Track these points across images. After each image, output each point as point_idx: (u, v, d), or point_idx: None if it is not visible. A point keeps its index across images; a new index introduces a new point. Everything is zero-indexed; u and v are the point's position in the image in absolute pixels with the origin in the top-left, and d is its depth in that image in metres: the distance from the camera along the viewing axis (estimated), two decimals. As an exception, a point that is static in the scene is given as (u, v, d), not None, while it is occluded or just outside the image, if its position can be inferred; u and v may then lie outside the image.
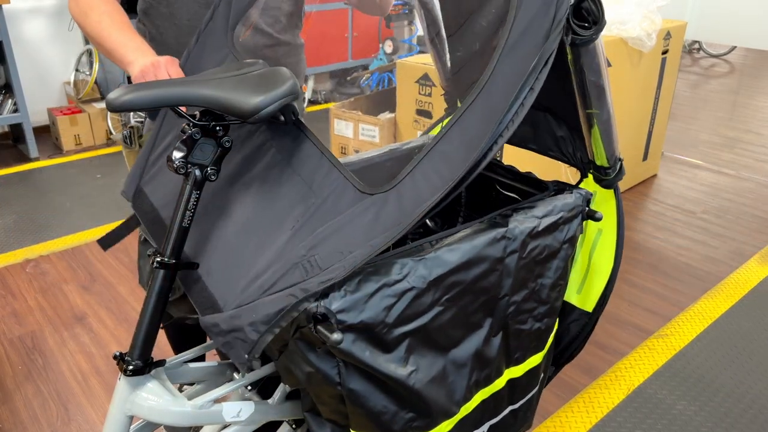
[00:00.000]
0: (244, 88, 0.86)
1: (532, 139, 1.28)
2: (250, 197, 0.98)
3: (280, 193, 0.95)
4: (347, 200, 0.88)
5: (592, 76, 0.97)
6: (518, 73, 0.83)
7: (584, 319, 1.29)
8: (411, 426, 0.94)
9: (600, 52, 0.95)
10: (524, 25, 0.85)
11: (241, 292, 0.91)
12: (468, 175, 0.81)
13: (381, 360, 0.87)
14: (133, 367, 0.91)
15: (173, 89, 0.82)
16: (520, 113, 0.82)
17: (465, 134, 0.84)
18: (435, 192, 0.82)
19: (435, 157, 0.84)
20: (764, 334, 2.18)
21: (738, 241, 2.86)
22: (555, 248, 1.10)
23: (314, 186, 0.92)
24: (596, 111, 1.03)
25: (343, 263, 0.82)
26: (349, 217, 0.86)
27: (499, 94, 0.83)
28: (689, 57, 6.68)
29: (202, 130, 0.87)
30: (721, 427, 1.76)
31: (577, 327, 1.30)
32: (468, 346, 1.00)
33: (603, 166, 1.18)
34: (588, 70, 0.96)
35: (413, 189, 0.84)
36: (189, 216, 0.89)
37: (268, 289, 0.87)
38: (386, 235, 0.82)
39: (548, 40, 0.83)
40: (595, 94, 1.01)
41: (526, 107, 0.83)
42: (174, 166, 0.86)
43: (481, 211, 1.07)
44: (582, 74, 0.97)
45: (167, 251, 0.89)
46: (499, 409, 1.15)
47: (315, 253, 0.85)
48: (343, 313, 0.82)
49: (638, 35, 2.79)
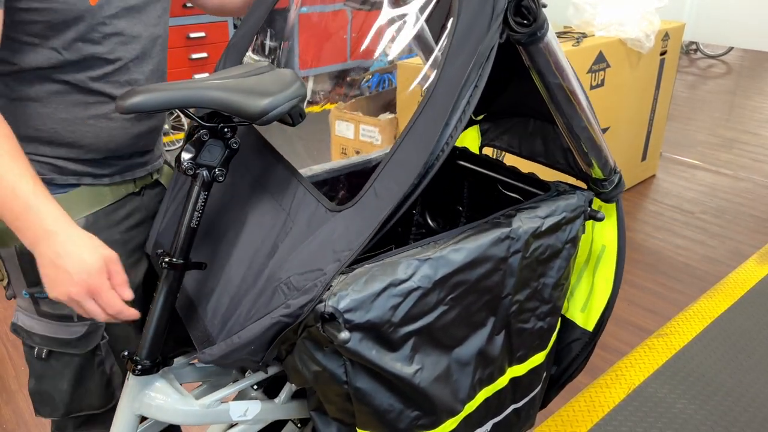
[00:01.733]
0: (252, 90, 0.87)
1: (542, 153, 1.29)
2: (231, 225, 1.01)
3: (260, 220, 0.98)
4: (318, 220, 0.91)
5: (551, 78, 0.97)
6: (462, 74, 0.85)
7: (585, 338, 1.30)
8: (416, 424, 0.95)
9: (555, 52, 0.94)
10: (465, 27, 0.87)
11: (226, 319, 0.94)
12: (421, 180, 0.85)
13: (387, 359, 0.88)
14: (142, 366, 0.92)
15: (182, 92, 0.83)
16: (467, 111, 0.84)
17: (418, 140, 0.86)
18: (394, 200, 0.85)
19: (392, 166, 0.87)
20: (763, 333, 2.19)
21: (736, 241, 2.88)
22: (558, 248, 1.11)
23: (291, 210, 0.95)
24: (572, 117, 1.03)
25: (316, 282, 0.85)
26: (320, 236, 0.90)
27: (446, 96, 0.85)
28: (687, 58, 6.70)
29: (210, 132, 0.88)
30: (721, 425, 1.78)
31: (579, 346, 1.31)
32: (471, 344, 1.02)
33: (599, 179, 1.18)
34: (545, 71, 0.96)
35: (375, 200, 0.87)
36: (197, 216, 0.90)
37: (252, 315, 0.90)
38: (351, 249, 0.86)
39: (487, 35, 0.85)
40: (563, 97, 1.00)
41: (472, 105, 0.84)
42: (183, 167, 0.87)
43: (484, 212, 1.08)
44: (542, 76, 0.97)
45: (176, 251, 0.90)
46: (502, 408, 1.16)
47: (290, 275, 0.88)
48: (350, 313, 0.83)
49: (637, 36, 2.80)
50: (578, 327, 1.30)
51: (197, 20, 4.14)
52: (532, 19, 0.88)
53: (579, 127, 1.05)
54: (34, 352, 1.07)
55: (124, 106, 0.80)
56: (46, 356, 1.07)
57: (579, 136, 1.06)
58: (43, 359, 1.07)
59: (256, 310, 0.90)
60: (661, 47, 3.09)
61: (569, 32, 2.83)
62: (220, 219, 1.03)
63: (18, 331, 1.08)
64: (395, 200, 0.85)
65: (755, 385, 1.94)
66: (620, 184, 1.20)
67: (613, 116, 2.96)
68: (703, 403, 1.86)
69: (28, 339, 1.07)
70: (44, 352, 1.06)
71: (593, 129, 1.06)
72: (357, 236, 0.86)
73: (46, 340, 1.06)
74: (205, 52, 4.23)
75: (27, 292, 1.03)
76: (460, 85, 0.84)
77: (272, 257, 0.92)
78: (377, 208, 0.86)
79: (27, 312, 1.05)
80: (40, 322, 1.05)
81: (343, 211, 0.89)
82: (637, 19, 2.83)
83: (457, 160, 1.45)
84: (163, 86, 0.83)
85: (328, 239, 0.88)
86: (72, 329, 1.05)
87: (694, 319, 2.28)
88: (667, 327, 2.23)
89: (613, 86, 2.85)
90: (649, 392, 1.91)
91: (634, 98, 3.06)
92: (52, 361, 1.07)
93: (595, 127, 1.06)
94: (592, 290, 1.29)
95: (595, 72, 2.72)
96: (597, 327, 1.29)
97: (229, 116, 0.88)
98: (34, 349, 1.07)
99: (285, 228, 0.94)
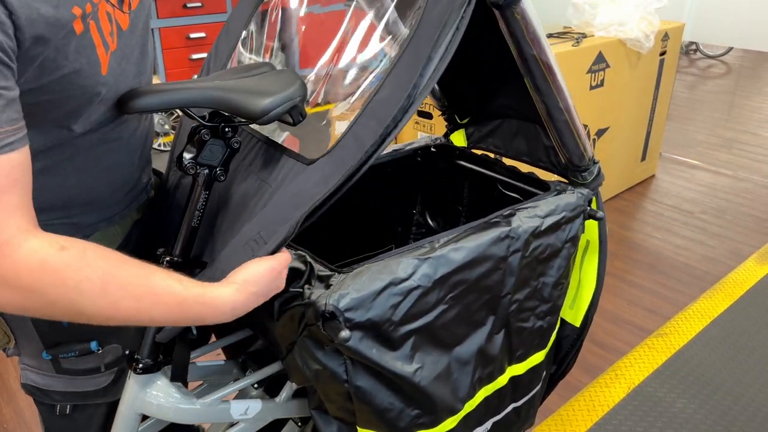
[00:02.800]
0: (253, 90, 0.87)
1: (525, 152, 1.31)
2: (224, 217, 0.97)
3: (244, 200, 0.94)
4: (294, 174, 0.88)
5: (528, 49, 0.98)
6: (443, 14, 0.85)
7: (574, 335, 1.32)
8: (416, 423, 0.96)
9: (532, 22, 0.96)
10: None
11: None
12: (404, 113, 0.82)
13: (387, 357, 0.88)
14: (143, 365, 0.92)
15: (184, 92, 0.84)
16: (450, 50, 0.84)
17: (397, 80, 0.85)
18: (375, 136, 0.82)
19: (372, 106, 0.85)
20: (762, 332, 2.20)
21: (736, 241, 2.88)
22: (557, 247, 1.12)
23: (269, 179, 0.92)
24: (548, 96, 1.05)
25: (286, 225, 0.82)
26: (294, 188, 0.86)
27: (427, 37, 0.84)
28: (687, 58, 6.70)
29: (211, 132, 0.88)
30: (720, 424, 1.78)
31: (568, 343, 1.33)
32: (471, 343, 1.02)
33: (578, 166, 1.18)
34: (522, 41, 0.97)
35: (354, 140, 0.84)
36: (198, 216, 0.91)
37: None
38: (330, 186, 0.82)
39: None
40: (541, 74, 1.01)
41: (453, 44, 0.84)
42: (184, 166, 0.88)
43: (484, 212, 1.08)
44: (518, 46, 0.98)
45: (177, 250, 0.91)
46: (501, 407, 1.16)
47: (260, 229, 0.84)
48: (350, 312, 0.83)
49: (636, 36, 2.80)
50: (567, 324, 1.32)
51: (197, 21, 4.15)
52: None
53: (556, 109, 1.06)
54: (55, 410, 0.97)
55: (126, 106, 0.81)
56: (70, 411, 0.98)
57: (557, 118, 1.07)
58: (66, 415, 0.98)
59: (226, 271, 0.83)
60: (661, 47, 3.09)
61: (569, 32, 2.83)
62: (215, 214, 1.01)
63: (33, 391, 0.97)
64: (375, 136, 0.82)
65: (755, 385, 1.94)
66: (599, 175, 1.20)
67: (613, 116, 2.96)
68: (702, 403, 1.86)
69: (45, 398, 0.97)
70: (68, 408, 0.97)
71: (570, 113, 1.07)
72: (338, 176, 0.82)
73: (69, 396, 0.96)
74: (206, 53, 4.23)
75: (48, 354, 0.92)
76: (441, 24, 0.84)
77: (247, 222, 0.89)
78: (357, 149, 0.83)
79: (42, 371, 0.94)
80: (60, 379, 0.95)
81: (319, 159, 0.86)
82: (636, 20, 2.83)
83: (457, 160, 1.45)
84: (164, 86, 0.83)
85: (302, 189, 0.85)
86: (98, 380, 0.97)
87: (693, 318, 2.28)
88: (667, 326, 2.24)
89: (613, 86, 2.85)
90: (648, 391, 1.91)
91: (633, 98, 3.07)
92: (76, 414, 0.98)
93: (572, 112, 1.08)
94: (579, 286, 1.30)
95: (594, 72, 2.72)
96: (584, 323, 1.30)
97: (230, 116, 0.89)
98: (55, 406, 0.97)
99: (261, 191, 0.91)
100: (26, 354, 0.95)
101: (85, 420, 1.00)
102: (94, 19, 0.74)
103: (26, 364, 0.96)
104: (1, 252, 0.61)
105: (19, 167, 0.64)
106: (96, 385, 0.97)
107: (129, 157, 0.93)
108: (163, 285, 0.70)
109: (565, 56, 2.55)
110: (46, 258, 0.63)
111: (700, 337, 2.17)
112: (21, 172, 0.65)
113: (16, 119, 0.64)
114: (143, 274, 0.70)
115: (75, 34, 0.71)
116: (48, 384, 0.95)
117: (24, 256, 0.62)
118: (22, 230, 0.63)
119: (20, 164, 0.65)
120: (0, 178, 0.62)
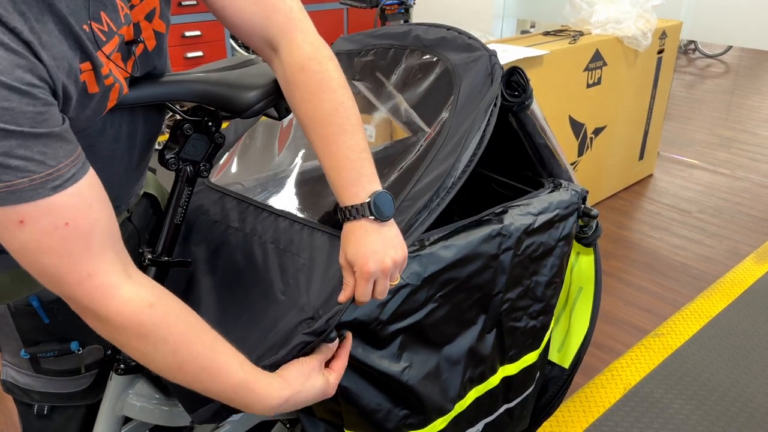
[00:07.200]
0: (237, 84, 0.85)
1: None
2: (219, 281, 0.95)
3: (254, 265, 0.93)
4: (329, 247, 0.88)
5: (537, 138, 1.15)
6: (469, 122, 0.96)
7: (563, 375, 1.32)
8: (405, 423, 0.94)
9: (538, 116, 1.14)
10: (468, 89, 1.01)
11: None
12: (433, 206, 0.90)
13: (374, 356, 0.86)
14: (125, 366, 0.90)
15: (167, 86, 0.81)
16: (477, 153, 0.95)
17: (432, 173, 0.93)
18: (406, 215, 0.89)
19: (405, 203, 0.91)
20: (760, 332, 2.18)
21: (734, 241, 2.86)
22: (550, 245, 1.10)
23: (292, 248, 0.91)
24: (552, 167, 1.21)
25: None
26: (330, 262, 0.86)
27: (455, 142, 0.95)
28: (685, 57, 6.69)
29: (194, 126, 0.86)
30: (718, 426, 1.76)
31: (557, 384, 1.33)
32: (462, 342, 1.00)
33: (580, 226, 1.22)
34: (533, 133, 1.14)
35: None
36: (181, 213, 0.89)
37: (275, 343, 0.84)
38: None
39: (489, 91, 0.99)
40: (548, 154, 1.18)
41: (481, 146, 0.95)
42: (166, 162, 0.85)
43: (477, 210, 1.06)
44: (530, 138, 1.14)
45: (159, 248, 0.89)
46: (494, 408, 1.14)
47: (320, 309, 0.83)
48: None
49: (634, 34, 2.79)
50: (556, 365, 1.32)
51: (193, 19, 4.12)
52: (521, 90, 1.08)
53: (562, 175, 1.21)
54: (33, 410, 0.96)
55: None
56: (48, 412, 0.97)
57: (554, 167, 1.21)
58: (44, 416, 0.97)
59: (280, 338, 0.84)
60: (659, 45, 3.07)
61: (566, 30, 2.81)
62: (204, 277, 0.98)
63: (11, 389, 0.96)
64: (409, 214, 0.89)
65: (752, 385, 1.92)
66: (598, 229, 1.23)
67: (610, 115, 2.95)
68: (699, 404, 1.85)
69: (24, 397, 0.96)
70: (45, 409, 0.96)
71: (570, 175, 1.23)
72: None
73: (47, 396, 0.95)
74: (201, 51, 4.21)
75: (27, 353, 0.91)
76: (467, 130, 0.94)
77: (288, 295, 0.87)
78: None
79: (22, 369, 0.94)
80: (40, 379, 0.94)
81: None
82: (633, 17, 2.81)
83: (450, 157, 1.43)
84: (148, 81, 0.81)
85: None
86: (78, 382, 0.96)
87: (690, 318, 2.26)
88: (664, 327, 2.22)
89: (610, 84, 2.84)
90: (645, 392, 1.89)
91: (631, 97, 3.05)
92: (54, 416, 0.97)
93: (570, 173, 1.23)
94: (569, 331, 1.31)
95: (591, 70, 2.70)
96: (573, 363, 1.31)
97: (214, 110, 0.87)
98: (33, 406, 0.96)
99: (297, 265, 0.89)
100: (6, 351, 0.94)
101: (63, 422, 0.98)
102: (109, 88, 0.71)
103: (7, 361, 0.95)
104: (102, 293, 0.66)
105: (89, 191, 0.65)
106: (76, 386, 0.96)
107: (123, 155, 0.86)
108: (226, 366, 0.74)
109: (561, 54, 2.53)
110: (136, 313, 0.68)
111: (697, 338, 2.15)
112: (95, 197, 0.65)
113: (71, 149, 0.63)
114: (213, 348, 0.74)
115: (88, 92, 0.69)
116: (27, 383, 0.95)
117: (118, 305, 0.67)
118: (116, 272, 0.67)
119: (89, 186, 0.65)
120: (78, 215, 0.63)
